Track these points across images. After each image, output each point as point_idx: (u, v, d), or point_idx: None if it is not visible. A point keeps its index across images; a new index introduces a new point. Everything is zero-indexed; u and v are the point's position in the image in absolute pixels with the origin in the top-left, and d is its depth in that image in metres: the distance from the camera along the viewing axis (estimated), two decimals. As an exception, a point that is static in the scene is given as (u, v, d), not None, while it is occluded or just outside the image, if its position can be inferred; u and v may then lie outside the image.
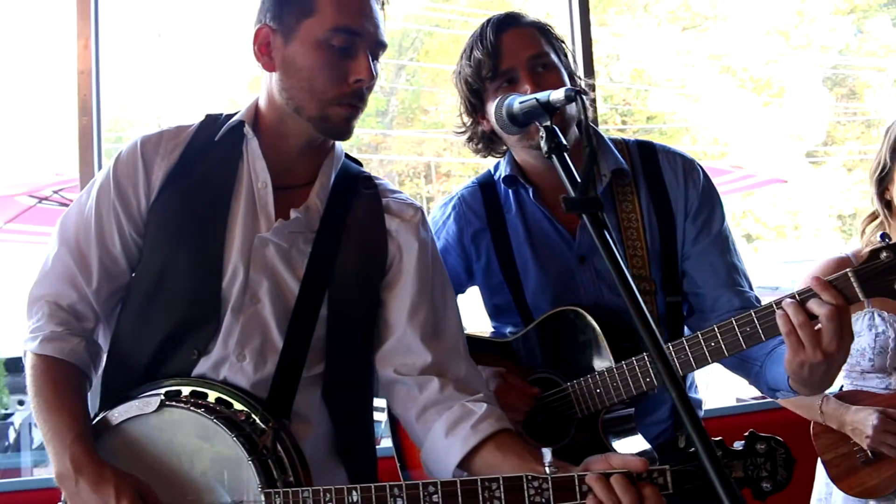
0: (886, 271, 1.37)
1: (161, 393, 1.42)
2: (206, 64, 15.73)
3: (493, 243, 1.89)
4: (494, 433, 1.44)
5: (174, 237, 1.51)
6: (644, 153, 1.87)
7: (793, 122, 17.17)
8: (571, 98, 1.24)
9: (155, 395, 1.42)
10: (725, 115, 16.76)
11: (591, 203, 1.16)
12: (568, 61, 1.82)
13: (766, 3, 16.82)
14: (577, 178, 1.21)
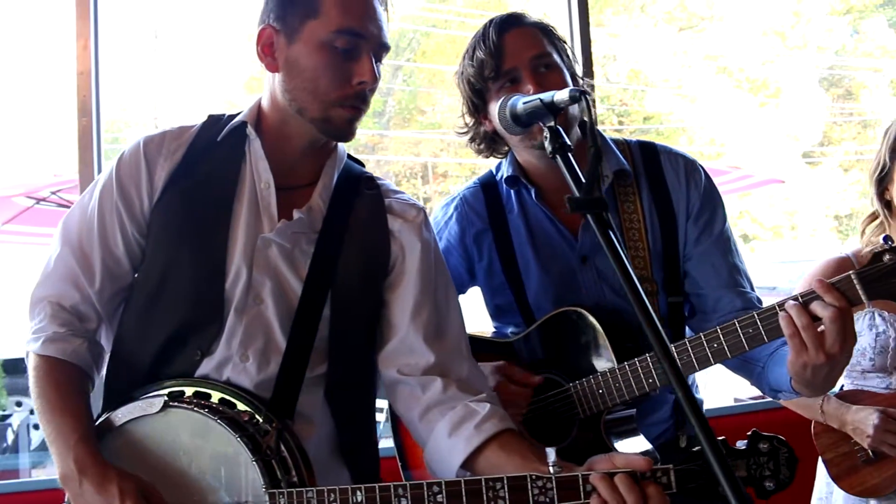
0: (889, 274, 1.38)
1: (164, 394, 1.42)
2: (203, 65, 15.71)
3: (495, 244, 1.90)
4: (498, 433, 1.44)
5: (177, 237, 1.51)
6: (646, 154, 1.87)
7: (789, 122, 17.17)
8: (576, 98, 1.25)
9: (158, 395, 1.42)
10: (722, 116, 16.76)
11: (596, 203, 1.17)
12: (570, 62, 1.82)
13: (762, 4, 16.82)
14: (582, 178, 1.21)
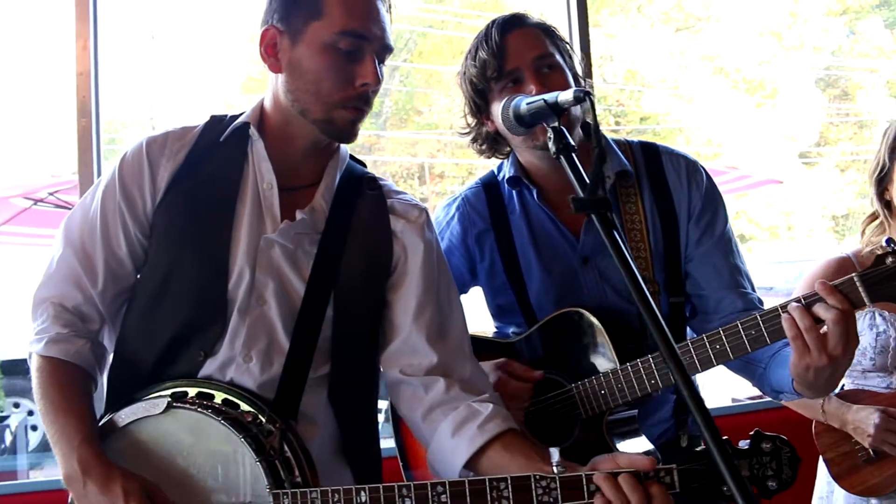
0: (892, 276, 1.38)
1: (167, 394, 1.42)
2: (200, 66, 15.69)
3: (497, 244, 1.89)
4: (501, 433, 1.44)
5: (180, 238, 1.51)
6: (647, 154, 1.87)
7: (786, 122, 17.20)
8: (580, 99, 1.25)
9: (161, 396, 1.42)
10: (719, 116, 16.79)
11: (601, 203, 1.17)
12: (572, 62, 1.82)
13: (758, 5, 16.86)
14: (585, 178, 1.21)
